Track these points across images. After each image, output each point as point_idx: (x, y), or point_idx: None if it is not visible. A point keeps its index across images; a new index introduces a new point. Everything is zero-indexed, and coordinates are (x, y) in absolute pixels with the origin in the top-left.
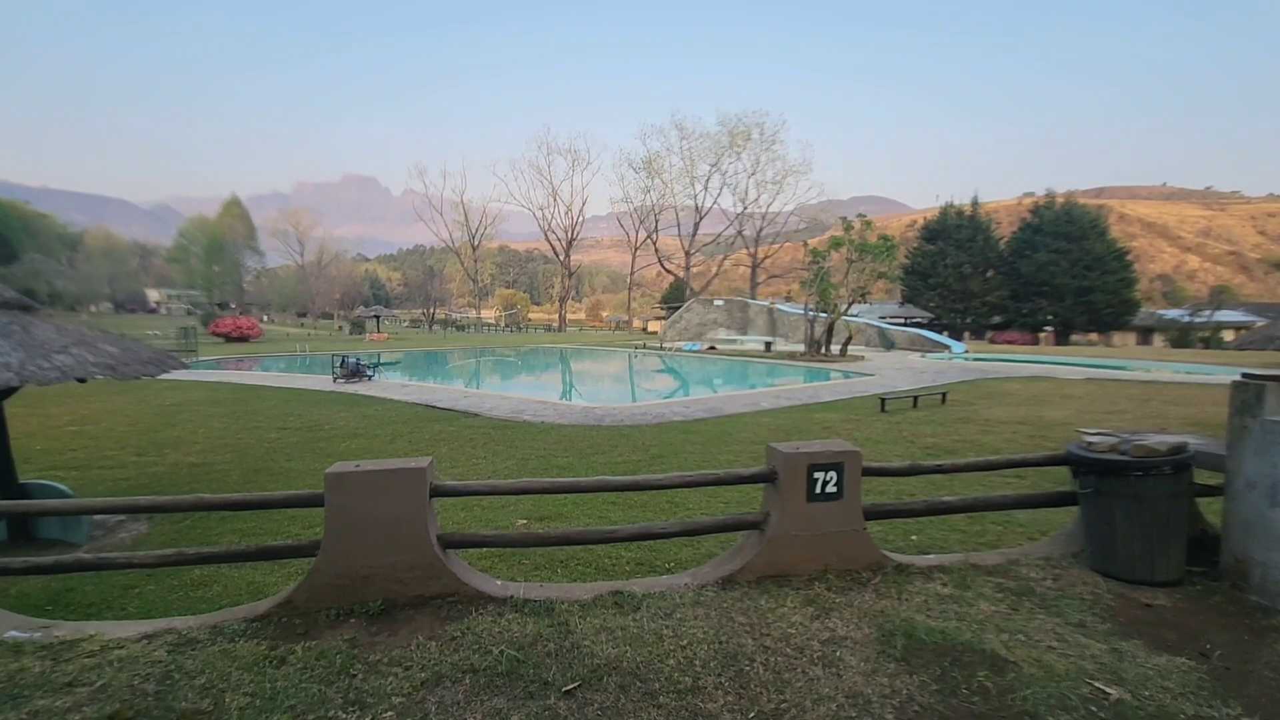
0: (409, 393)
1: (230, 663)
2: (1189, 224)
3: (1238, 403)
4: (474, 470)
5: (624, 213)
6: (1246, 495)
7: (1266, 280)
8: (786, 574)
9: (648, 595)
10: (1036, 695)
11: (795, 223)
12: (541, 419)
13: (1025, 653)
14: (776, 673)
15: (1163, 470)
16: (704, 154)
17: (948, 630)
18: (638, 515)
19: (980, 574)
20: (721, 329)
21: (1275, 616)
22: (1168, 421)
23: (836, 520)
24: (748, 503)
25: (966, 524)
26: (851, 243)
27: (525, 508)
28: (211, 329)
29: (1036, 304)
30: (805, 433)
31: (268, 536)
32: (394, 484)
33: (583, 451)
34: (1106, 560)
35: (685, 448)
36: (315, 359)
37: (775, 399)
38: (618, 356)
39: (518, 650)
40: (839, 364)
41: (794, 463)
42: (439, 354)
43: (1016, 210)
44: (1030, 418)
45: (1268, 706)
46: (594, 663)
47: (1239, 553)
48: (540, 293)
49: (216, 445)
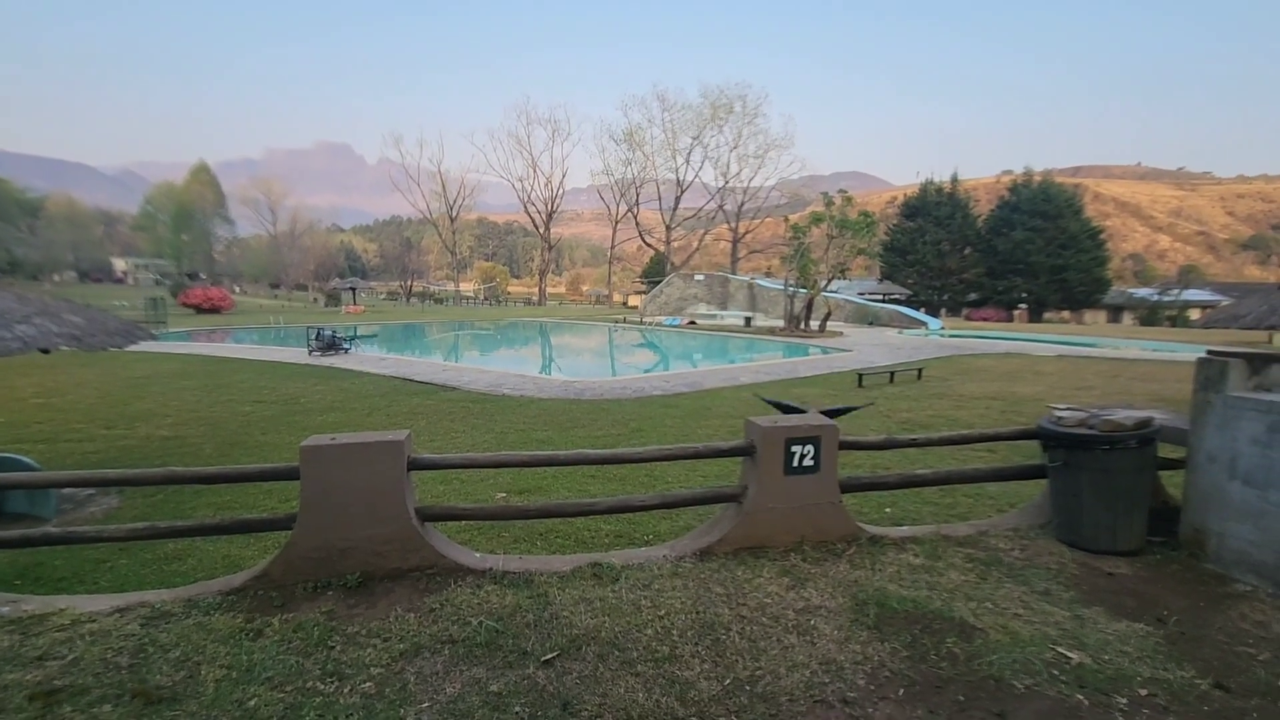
0: (386, 366)
1: (205, 636)
2: (1161, 204)
3: (1202, 379)
4: (453, 444)
5: (604, 185)
6: (1207, 468)
7: (1233, 260)
8: (763, 545)
9: (626, 567)
10: (1002, 660)
11: (776, 198)
12: (521, 393)
13: (992, 620)
14: (752, 641)
15: (1129, 444)
16: (686, 126)
17: (919, 599)
18: (617, 488)
19: (951, 545)
20: (702, 304)
21: (1229, 584)
22: (1134, 397)
23: (813, 493)
24: (726, 476)
25: (939, 496)
26: (832, 219)
27: (505, 481)
28: (181, 300)
29: (1012, 282)
30: None
31: (243, 510)
32: (371, 457)
33: (562, 425)
34: (1072, 531)
35: (665, 422)
36: (290, 331)
37: (754, 374)
38: (598, 330)
39: (497, 621)
40: (818, 339)
41: (772, 436)
42: (417, 327)
43: (995, 188)
44: (1003, 393)
45: (1219, 669)
46: (573, 633)
47: (1197, 523)
48: (520, 266)
49: (189, 418)
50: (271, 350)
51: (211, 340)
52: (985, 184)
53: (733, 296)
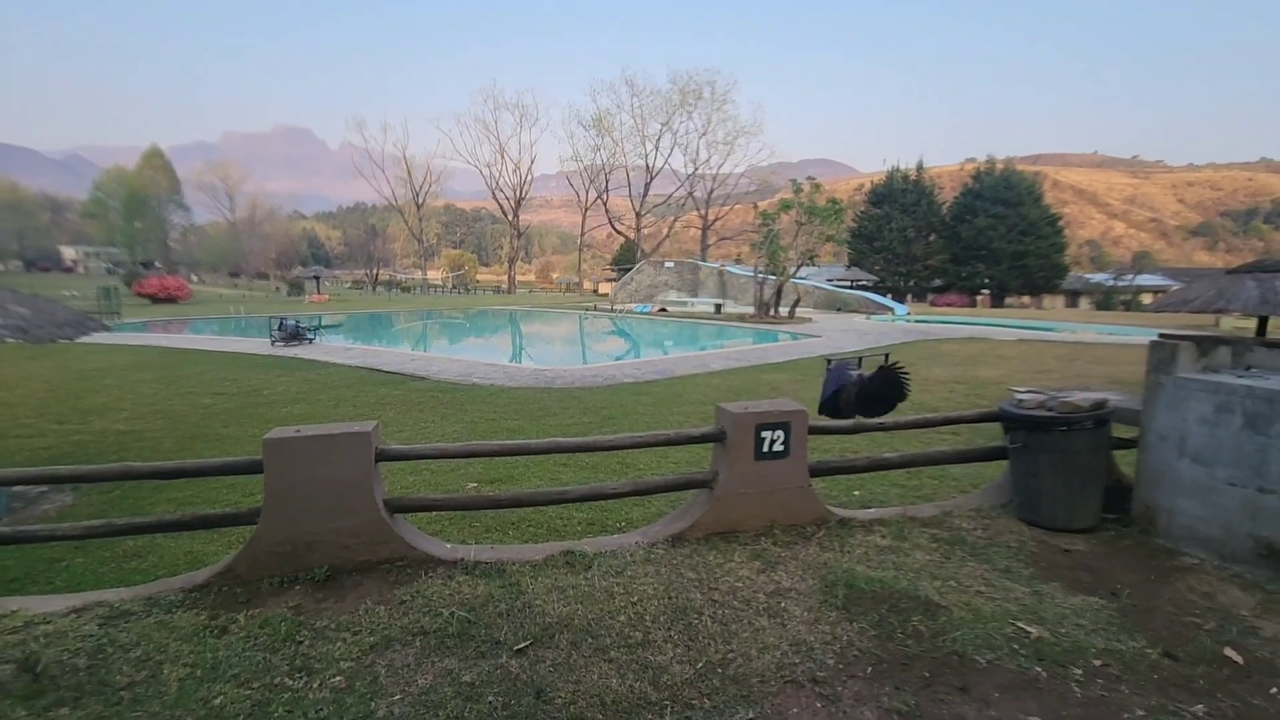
0: (352, 356)
1: (167, 634)
2: (1116, 191)
3: (1154, 361)
4: (422, 434)
5: (574, 172)
6: (1158, 447)
7: (1183, 246)
8: (734, 530)
9: (599, 554)
10: (965, 636)
11: (746, 185)
12: (491, 381)
13: (956, 597)
14: (724, 624)
15: (1085, 425)
16: (655, 112)
17: (886, 579)
18: (589, 476)
19: (917, 525)
20: (672, 291)
21: (1178, 558)
22: (1090, 379)
23: (783, 477)
24: (697, 462)
25: (905, 478)
26: (800, 205)
27: (475, 471)
28: (135, 289)
29: (975, 268)
30: (754, 393)
31: (205, 505)
32: (337, 449)
33: (533, 414)
34: (1031, 510)
35: (636, 409)
36: (251, 321)
37: (725, 360)
38: (568, 318)
39: (469, 612)
40: (787, 325)
41: (742, 422)
42: (384, 316)
43: (959, 176)
44: (966, 377)
45: (1168, 638)
46: (546, 621)
47: (1149, 500)
48: (488, 253)
49: (146, 412)
50: (232, 341)
51: (169, 331)
52: (950, 171)
53: (703, 283)
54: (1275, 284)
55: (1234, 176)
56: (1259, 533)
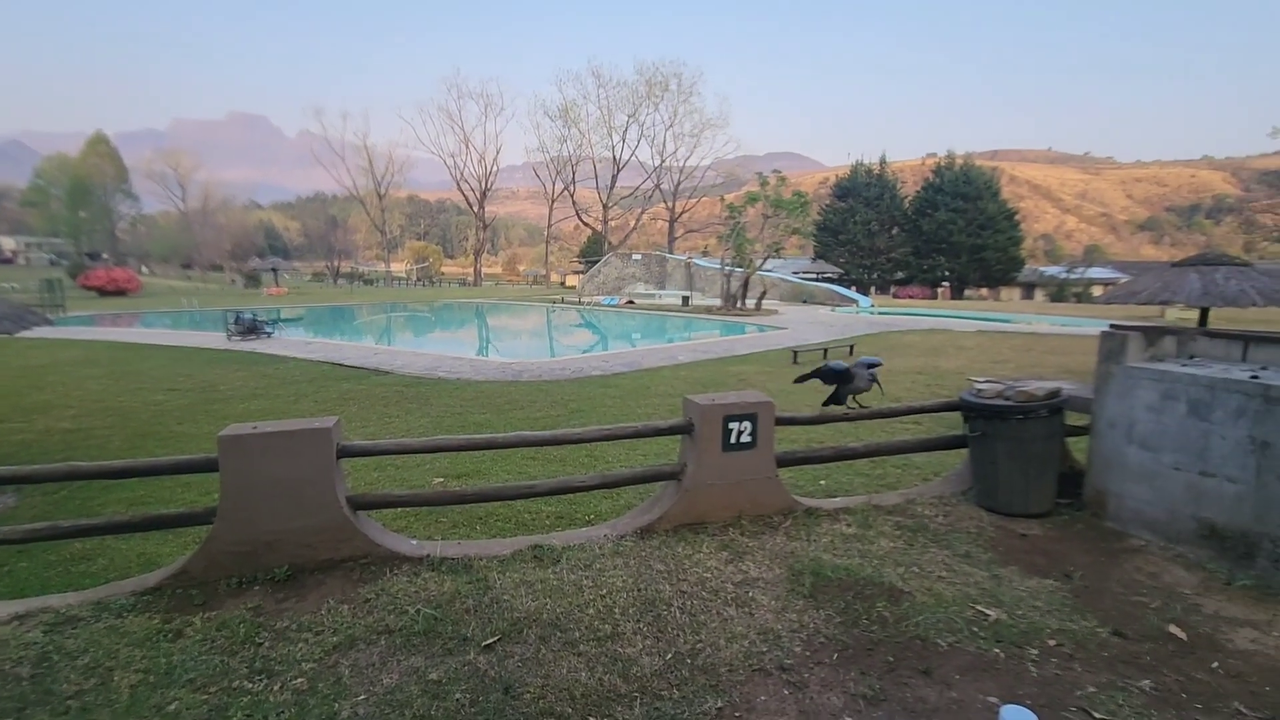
0: (313, 350)
1: (118, 640)
2: (1069, 187)
3: (1104, 351)
4: (386, 429)
5: (540, 163)
6: (1108, 434)
7: (1131, 240)
8: (703, 521)
9: (567, 548)
10: (927, 620)
11: (712, 177)
12: (457, 375)
13: (918, 583)
14: (692, 615)
15: (1040, 413)
16: (621, 104)
17: (851, 567)
18: (557, 470)
19: (881, 514)
20: (639, 283)
21: (1126, 540)
22: (1045, 369)
23: (750, 468)
24: (666, 454)
25: (870, 468)
26: (767, 198)
27: (442, 466)
28: (81, 282)
29: (936, 261)
30: (721, 385)
31: (158, 505)
32: (297, 445)
33: (500, 408)
34: (990, 496)
35: (604, 402)
36: (205, 315)
37: (692, 352)
38: (535, 311)
39: (435, 609)
40: (754, 318)
41: (710, 414)
42: (346, 309)
43: (920, 170)
44: (928, 368)
45: (1117, 618)
46: (514, 616)
47: (1099, 485)
48: (454, 245)
49: (94, 409)
50: (186, 335)
51: (117, 325)
52: (912, 166)
53: (670, 276)
54: (1215, 277)
55: (1178, 173)
56: (1201, 514)
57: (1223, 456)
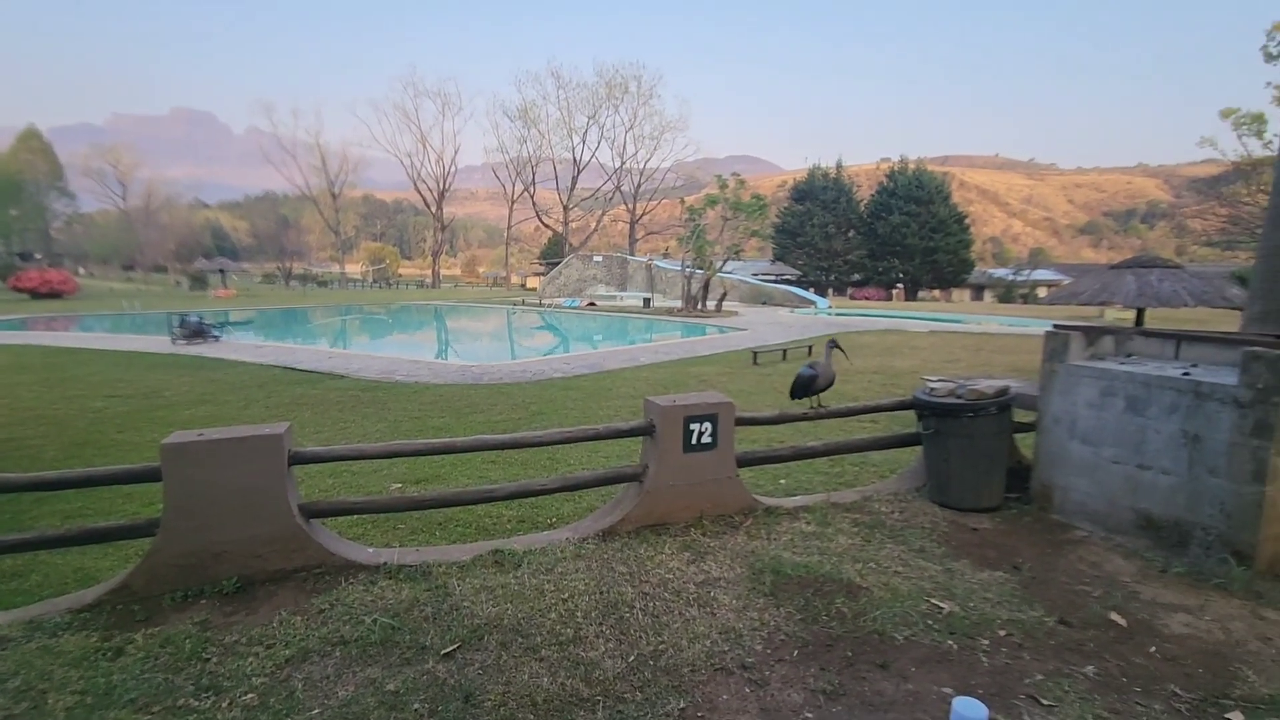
0: (264, 354)
1: (52, 660)
2: (1015, 192)
3: (1049, 350)
4: (341, 435)
5: (499, 163)
6: (1053, 430)
7: (1073, 243)
8: (664, 522)
9: (529, 552)
10: (884, 615)
11: (672, 180)
12: (415, 379)
13: (876, 579)
14: (655, 616)
15: (989, 411)
16: (581, 105)
17: (810, 564)
18: (518, 473)
19: (839, 511)
20: (601, 285)
21: (1071, 531)
22: (994, 368)
23: (711, 469)
24: (628, 456)
25: (828, 466)
26: (726, 201)
27: (399, 471)
28: (12, 284)
29: (890, 263)
30: (682, 386)
31: (97, 517)
32: (246, 453)
33: (460, 411)
34: (943, 492)
35: (565, 404)
36: (149, 318)
37: (654, 354)
38: (495, 313)
39: (392, 617)
40: (715, 319)
41: (670, 415)
42: (298, 312)
43: (875, 174)
44: (883, 367)
45: (1062, 607)
46: (474, 623)
47: (1045, 479)
48: (411, 246)
49: (25, 417)
50: (127, 339)
51: (52, 329)
52: (867, 170)
53: (631, 277)
54: (1150, 279)
55: (1116, 179)
56: (1138, 505)
57: (1158, 450)
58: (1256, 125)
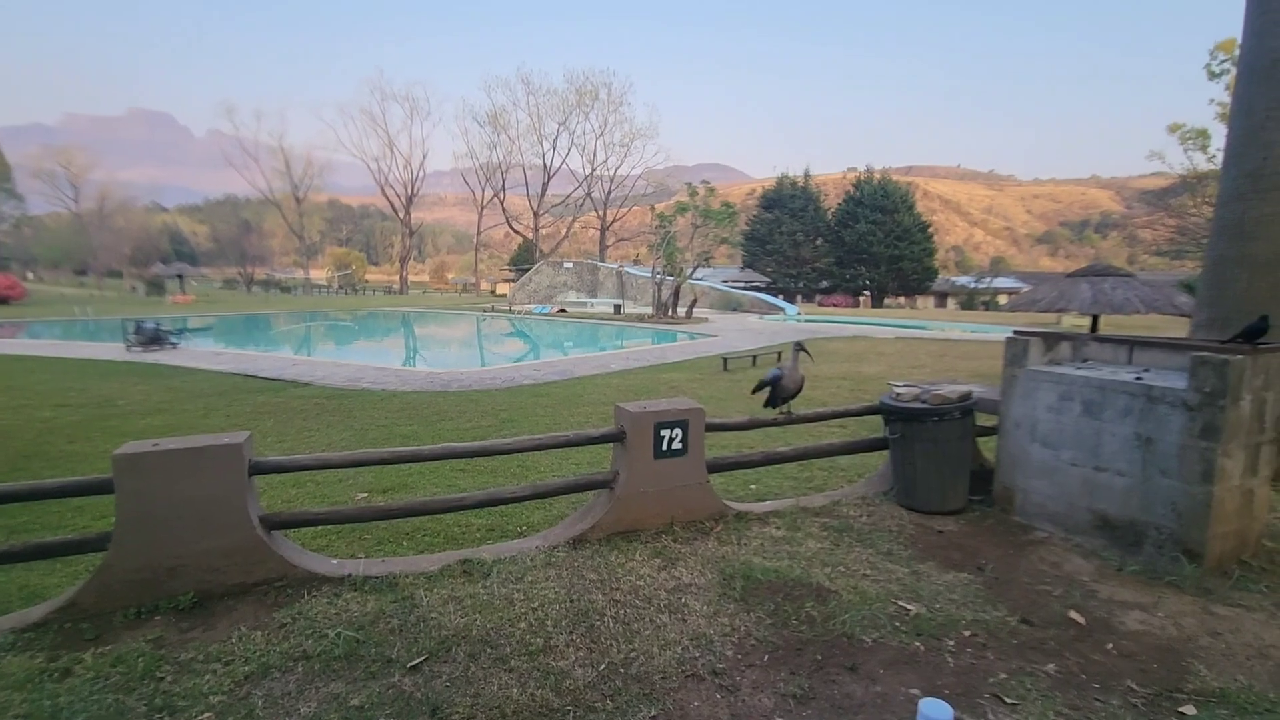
0: (224, 361)
1: None
2: (977, 201)
3: (1009, 355)
4: (305, 444)
5: (469, 169)
6: (1014, 433)
7: (1031, 252)
8: (635, 529)
9: (498, 561)
10: (853, 618)
11: (643, 187)
12: (382, 386)
13: (844, 582)
14: (626, 624)
15: (953, 415)
16: (551, 111)
17: (780, 569)
18: (488, 481)
19: (809, 515)
20: (571, 291)
21: (1032, 533)
22: (957, 373)
23: (682, 475)
24: (598, 463)
25: (798, 471)
26: (696, 208)
27: (365, 481)
28: None
29: (857, 270)
30: (653, 392)
31: (45, 531)
32: (204, 463)
33: (428, 419)
34: (909, 495)
35: (536, 411)
36: (102, 324)
37: (625, 360)
38: (465, 320)
39: (357, 631)
40: (685, 325)
41: (641, 421)
42: (261, 318)
43: (842, 183)
44: (851, 373)
45: (1024, 606)
46: (442, 634)
47: (1007, 481)
48: (378, 252)
49: None
50: (79, 346)
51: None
52: (834, 179)
53: (602, 284)
54: (1104, 286)
55: (1070, 190)
56: (1095, 506)
57: (1113, 452)
58: (1201, 140)
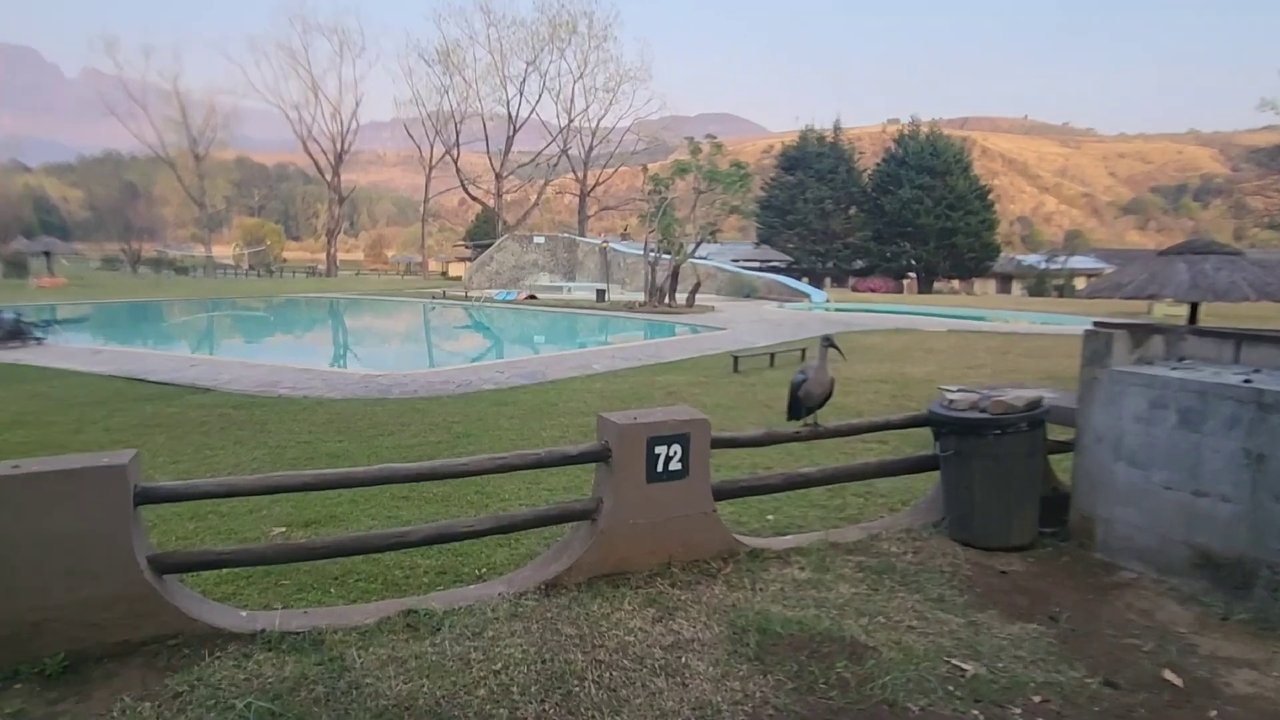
0: (103, 361)
1: None
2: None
3: (1088, 353)
4: (207, 465)
5: (413, 119)
6: (1094, 449)
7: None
8: (623, 571)
9: (450, 612)
10: (895, 681)
11: (632, 142)
12: (305, 392)
13: (885, 635)
14: (612, 690)
15: (1019, 427)
16: (518, 48)
17: (805, 620)
18: (438, 511)
19: (840, 553)
20: (543, 273)
21: (1116, 573)
22: (1024, 375)
23: (682, 502)
24: (576, 488)
25: (827, 497)
26: (699, 169)
27: (283, 511)
28: None
29: (900, 247)
30: (646, 399)
31: None
32: (77, 489)
33: (363, 433)
34: (965, 527)
35: (499, 423)
36: None
37: (610, 359)
38: (409, 308)
39: (271, 701)
40: (686, 316)
41: (631, 436)
42: (150, 306)
43: (881, 138)
44: (893, 375)
45: (1108, 665)
46: (379, 705)
47: (1085, 510)
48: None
49: None
50: None
51: None
52: (871, 133)
53: (582, 264)
54: (1204, 267)
55: (1164, 148)
56: (1194, 540)
57: (1216, 473)
58: None
